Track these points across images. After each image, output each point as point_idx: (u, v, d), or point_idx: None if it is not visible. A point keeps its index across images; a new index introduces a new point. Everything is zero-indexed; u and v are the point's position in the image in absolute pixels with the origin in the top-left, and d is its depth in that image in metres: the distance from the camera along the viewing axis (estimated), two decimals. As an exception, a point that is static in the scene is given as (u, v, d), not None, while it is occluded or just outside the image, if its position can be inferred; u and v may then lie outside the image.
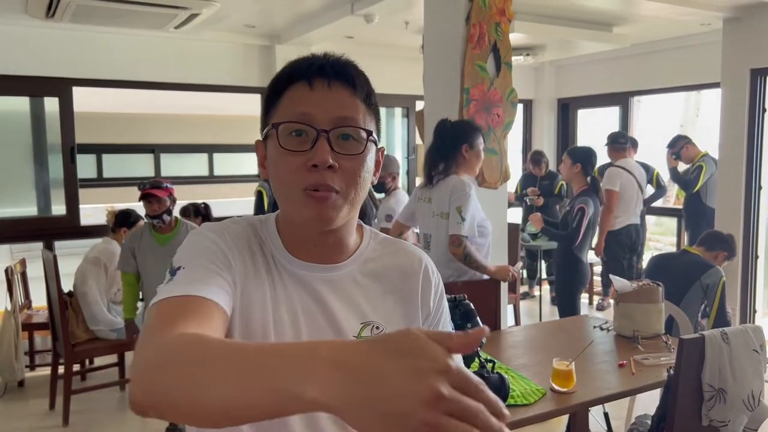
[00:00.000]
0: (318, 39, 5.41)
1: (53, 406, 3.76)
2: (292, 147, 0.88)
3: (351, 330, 0.94)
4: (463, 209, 2.82)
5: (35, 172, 5.17)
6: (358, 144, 0.90)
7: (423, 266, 1.03)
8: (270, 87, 0.94)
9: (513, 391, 1.97)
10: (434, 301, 1.04)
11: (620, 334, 2.69)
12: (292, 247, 0.95)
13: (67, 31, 4.89)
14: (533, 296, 6.31)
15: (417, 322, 1.01)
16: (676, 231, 6.43)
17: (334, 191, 0.88)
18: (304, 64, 0.91)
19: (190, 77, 5.50)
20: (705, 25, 5.18)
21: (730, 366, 1.96)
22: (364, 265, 0.99)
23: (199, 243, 0.90)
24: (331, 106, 0.89)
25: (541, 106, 7.41)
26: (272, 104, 0.93)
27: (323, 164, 0.86)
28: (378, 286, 0.98)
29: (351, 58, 0.94)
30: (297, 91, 0.90)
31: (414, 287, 1.01)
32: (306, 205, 0.88)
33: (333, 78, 0.90)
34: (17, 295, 4.19)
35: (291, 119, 0.88)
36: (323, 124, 0.87)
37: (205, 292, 0.80)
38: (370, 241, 1.02)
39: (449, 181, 2.92)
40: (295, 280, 0.94)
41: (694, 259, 3.36)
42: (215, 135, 9.83)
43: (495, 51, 3.50)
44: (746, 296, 4.89)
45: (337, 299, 0.95)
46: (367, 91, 0.93)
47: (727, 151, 4.91)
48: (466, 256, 2.82)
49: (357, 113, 0.90)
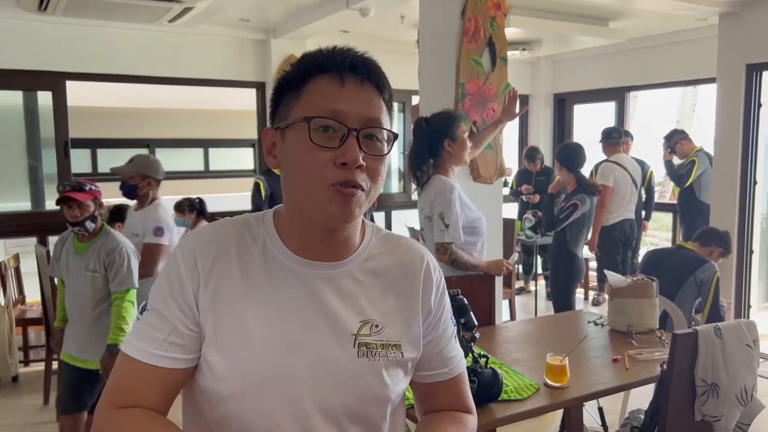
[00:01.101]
0: (313, 33, 5.38)
1: (47, 401, 3.75)
2: (321, 142, 0.88)
3: (350, 328, 0.94)
4: (445, 215, 2.73)
5: (29, 167, 5.14)
6: (382, 145, 0.91)
7: (424, 264, 1.03)
8: (291, 74, 0.93)
9: (506, 386, 1.97)
10: (435, 299, 1.03)
11: (614, 329, 2.69)
12: (293, 243, 0.95)
13: (60, 24, 4.85)
14: (529, 291, 6.32)
15: (417, 320, 1.00)
16: (672, 226, 6.45)
17: (360, 188, 0.88)
18: (336, 57, 0.91)
19: (185, 71, 5.47)
20: (701, 20, 5.17)
21: (723, 361, 1.96)
22: (364, 262, 0.98)
23: (167, 269, 0.94)
24: (361, 105, 0.90)
25: (537, 101, 7.41)
26: (291, 93, 0.92)
27: (354, 162, 0.87)
28: (378, 284, 0.98)
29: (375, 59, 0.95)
30: (326, 85, 0.90)
31: (415, 285, 1.00)
32: (331, 201, 0.88)
33: (365, 77, 0.91)
34: (11, 290, 4.17)
35: (322, 114, 0.88)
36: (353, 123, 0.88)
37: (152, 359, 0.89)
38: (372, 237, 1.01)
39: (433, 184, 2.82)
40: (292, 278, 0.93)
41: (688, 255, 3.36)
42: (211, 130, 9.79)
43: (490, 45, 3.49)
44: (741, 291, 4.91)
45: (336, 297, 0.94)
46: (390, 93, 0.95)
47: (723, 147, 4.91)
48: (453, 261, 2.76)
49: (381, 114, 0.92)
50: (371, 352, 0.94)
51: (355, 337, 0.93)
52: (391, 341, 0.96)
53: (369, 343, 0.94)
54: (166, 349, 0.90)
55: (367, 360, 0.93)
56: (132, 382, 0.90)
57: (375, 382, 0.94)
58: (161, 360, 0.89)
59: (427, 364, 1.04)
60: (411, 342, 0.99)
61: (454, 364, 1.07)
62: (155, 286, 0.94)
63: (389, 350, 0.95)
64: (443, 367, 1.06)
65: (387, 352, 0.95)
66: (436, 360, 1.05)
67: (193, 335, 0.91)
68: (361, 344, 0.94)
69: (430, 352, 1.04)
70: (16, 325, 4.02)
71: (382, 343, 0.95)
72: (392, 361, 0.95)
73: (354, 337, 0.93)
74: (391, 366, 0.95)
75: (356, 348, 0.93)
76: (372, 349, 0.94)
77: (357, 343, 0.93)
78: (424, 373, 1.05)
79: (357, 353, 0.93)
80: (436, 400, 1.08)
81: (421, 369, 1.05)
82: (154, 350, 0.90)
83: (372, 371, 0.94)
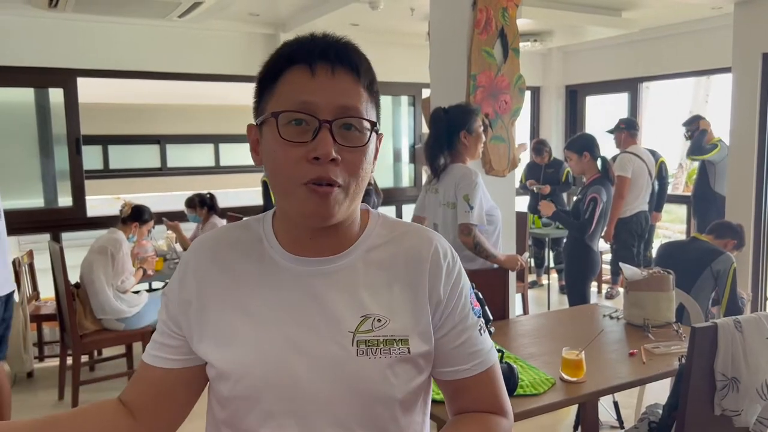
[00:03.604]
0: (323, 27, 5.28)
1: (62, 397, 3.77)
2: (292, 137, 0.84)
3: (349, 324, 0.89)
4: (471, 197, 2.79)
5: (41, 164, 5.17)
6: (361, 135, 0.86)
7: (432, 250, 0.95)
8: (266, 68, 0.89)
9: (522, 381, 1.95)
10: (445, 288, 0.94)
11: (630, 322, 2.66)
12: (288, 242, 0.92)
13: (70, 21, 4.86)
14: (541, 285, 6.28)
15: (426, 311, 0.93)
16: (686, 218, 6.38)
17: (336, 185, 0.84)
18: (306, 46, 0.86)
19: (195, 67, 5.47)
20: (716, 8, 5.09)
21: (743, 354, 1.92)
22: (367, 254, 0.93)
23: (173, 277, 0.98)
24: (334, 94, 0.84)
25: (548, 93, 7.34)
26: (268, 87, 0.88)
27: (326, 157, 0.82)
28: (382, 275, 0.92)
29: (352, 41, 0.89)
30: (297, 76, 0.85)
31: (421, 274, 0.93)
32: (307, 200, 0.84)
33: (336, 64, 0.85)
34: (25, 286, 4.20)
35: (291, 108, 0.84)
36: (325, 114, 0.83)
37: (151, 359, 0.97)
38: (376, 226, 0.96)
39: (455, 171, 2.89)
40: (288, 277, 0.91)
41: (704, 246, 3.32)
42: (221, 125, 9.81)
43: (502, 37, 3.45)
44: (757, 284, 4.85)
45: (335, 292, 0.90)
46: (371, 78, 0.89)
47: (739, 137, 4.84)
48: (476, 245, 2.80)
49: (359, 102, 0.86)
50: (371, 349, 0.88)
51: (353, 335, 0.88)
52: (397, 336, 0.89)
53: (369, 340, 0.88)
54: (157, 349, 0.96)
55: (367, 358, 0.88)
56: (133, 379, 0.99)
57: (378, 380, 0.88)
58: (153, 359, 0.96)
59: (446, 360, 0.96)
60: (421, 336, 0.92)
61: (478, 359, 0.97)
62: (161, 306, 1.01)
63: (393, 346, 0.89)
64: (464, 363, 0.96)
65: (390, 348, 0.89)
66: (456, 355, 0.96)
67: (177, 337, 0.95)
68: (359, 341, 0.88)
69: (447, 346, 0.95)
70: (31, 322, 4.04)
71: (385, 338, 0.89)
72: (396, 357, 0.89)
73: (352, 335, 0.89)
74: (396, 363, 0.89)
75: (355, 346, 0.88)
76: (372, 346, 0.88)
77: (356, 341, 0.88)
78: (443, 370, 0.97)
79: (356, 351, 0.88)
80: (463, 398, 0.99)
81: (441, 365, 0.96)
82: (150, 350, 0.97)
83: (374, 369, 0.88)
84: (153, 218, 4.07)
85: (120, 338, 3.79)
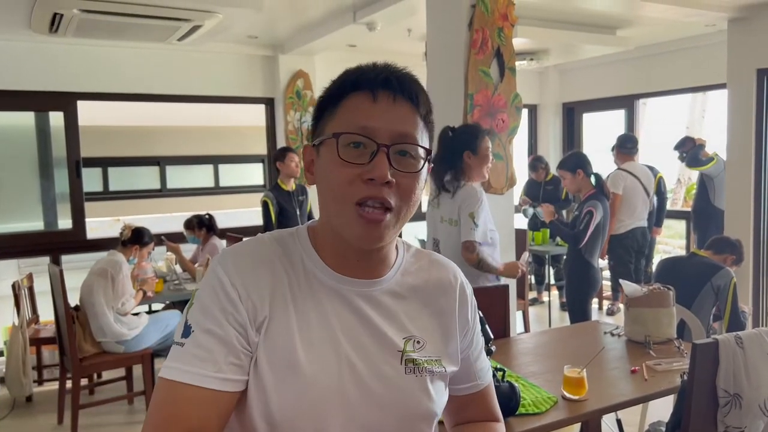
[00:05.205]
0: (321, 48, 5.41)
1: (62, 420, 3.74)
2: (350, 158, 0.87)
3: (396, 345, 0.93)
4: (475, 215, 2.85)
5: (41, 187, 5.18)
6: (415, 162, 0.89)
7: (459, 282, 1.03)
8: (328, 92, 0.93)
9: (524, 400, 1.94)
10: (472, 315, 1.05)
11: (631, 339, 2.65)
12: (332, 260, 0.93)
13: (71, 45, 4.91)
14: (542, 302, 6.27)
15: (455, 336, 1.00)
16: (685, 234, 6.38)
17: (387, 209, 0.87)
18: (370, 74, 0.90)
19: (194, 89, 5.51)
20: (710, 26, 5.15)
21: (745, 370, 1.92)
22: (402, 278, 0.98)
23: (210, 288, 0.88)
24: (393, 121, 0.88)
25: (546, 111, 7.39)
26: (329, 110, 0.91)
27: (381, 179, 0.85)
28: (416, 300, 0.98)
29: (414, 73, 0.94)
30: (359, 101, 0.89)
31: (451, 303, 1.01)
32: (357, 224, 0.87)
33: (398, 92, 0.89)
34: (25, 309, 4.18)
35: (352, 130, 0.87)
36: (383, 139, 0.87)
37: (200, 380, 0.83)
38: (405, 253, 1.01)
39: (459, 189, 2.93)
40: (334, 296, 0.92)
41: (703, 261, 3.32)
42: (220, 146, 9.86)
43: (498, 56, 3.49)
44: (758, 299, 4.83)
45: (379, 314, 0.93)
46: (428, 108, 0.93)
47: (735, 153, 4.87)
48: (480, 261, 2.85)
49: (416, 130, 0.90)
50: (417, 368, 0.93)
51: (402, 354, 0.93)
52: (433, 357, 0.96)
53: (415, 359, 0.94)
54: (227, 372, 0.85)
55: (414, 376, 0.93)
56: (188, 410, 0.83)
57: (423, 397, 0.93)
58: (223, 384, 0.84)
59: (463, 378, 1.06)
60: (449, 357, 0.99)
61: (485, 375, 1.10)
62: (198, 310, 0.88)
63: (432, 365, 0.95)
64: (476, 380, 1.08)
65: (432, 367, 0.95)
66: (471, 373, 1.07)
67: (248, 355, 0.87)
68: (408, 360, 0.93)
69: (466, 366, 1.05)
70: (30, 345, 4.02)
71: (426, 358, 0.95)
72: (437, 375, 0.96)
73: (401, 354, 0.93)
74: (435, 380, 0.96)
75: (403, 364, 0.92)
76: (418, 365, 0.94)
77: (404, 360, 0.93)
78: (459, 386, 1.07)
79: (405, 369, 0.92)
80: (467, 411, 1.10)
81: (457, 383, 1.06)
82: (214, 373, 0.84)
83: (420, 387, 0.93)
84: (153, 240, 4.07)
85: (120, 361, 3.77)
